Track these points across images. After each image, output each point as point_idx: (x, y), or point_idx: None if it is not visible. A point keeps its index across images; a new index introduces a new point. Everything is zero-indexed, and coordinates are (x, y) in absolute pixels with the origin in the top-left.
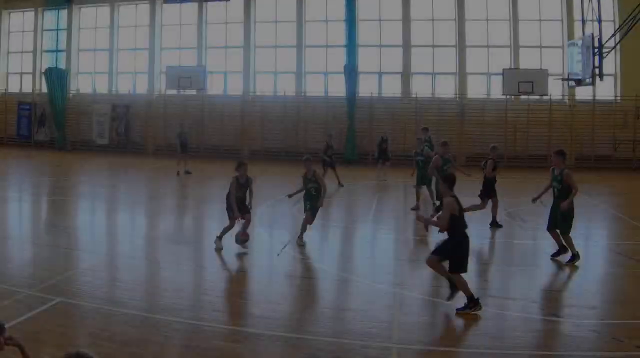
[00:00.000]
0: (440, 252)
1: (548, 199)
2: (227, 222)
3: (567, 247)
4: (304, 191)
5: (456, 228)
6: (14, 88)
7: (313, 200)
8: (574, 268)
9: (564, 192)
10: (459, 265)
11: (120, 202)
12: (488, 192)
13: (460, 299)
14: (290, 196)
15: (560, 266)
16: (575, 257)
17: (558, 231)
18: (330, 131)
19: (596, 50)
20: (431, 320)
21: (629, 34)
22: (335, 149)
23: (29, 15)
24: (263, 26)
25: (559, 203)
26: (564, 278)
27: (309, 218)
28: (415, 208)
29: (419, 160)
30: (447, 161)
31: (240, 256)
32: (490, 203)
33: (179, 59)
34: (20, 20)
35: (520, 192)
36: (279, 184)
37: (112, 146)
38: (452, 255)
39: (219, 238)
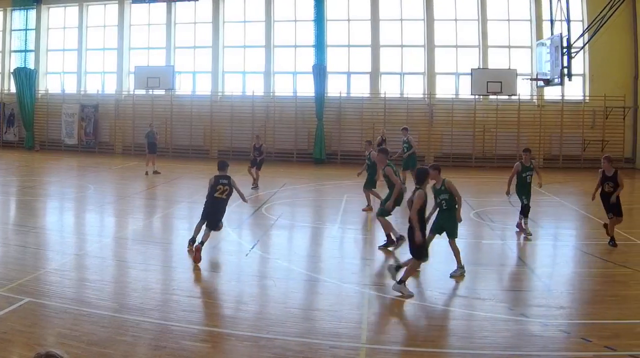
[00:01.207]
0: None
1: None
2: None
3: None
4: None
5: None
6: None
7: (445, 217)
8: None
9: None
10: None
11: (88, 202)
12: (606, 206)
13: None
14: (428, 218)
15: (528, 266)
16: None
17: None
18: (257, 132)
19: (565, 50)
20: (400, 320)
21: (598, 34)
22: (262, 150)
23: None
24: (231, 26)
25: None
26: (532, 278)
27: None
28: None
29: (367, 164)
30: (527, 168)
31: (209, 256)
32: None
33: (148, 59)
34: None
35: (489, 193)
36: (248, 184)
37: (81, 146)
38: None
39: (403, 282)
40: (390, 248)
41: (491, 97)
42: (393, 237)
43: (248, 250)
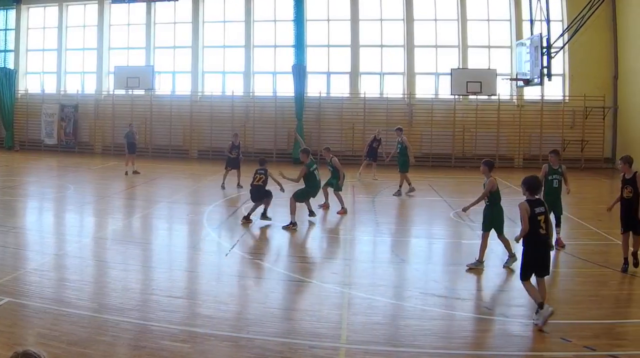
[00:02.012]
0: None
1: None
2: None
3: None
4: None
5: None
6: None
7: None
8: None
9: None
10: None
11: (68, 202)
12: (623, 217)
13: None
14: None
15: (507, 266)
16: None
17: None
18: (235, 130)
19: (544, 50)
20: (380, 320)
21: (577, 34)
22: (240, 149)
23: None
24: (211, 26)
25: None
26: (512, 278)
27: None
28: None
29: (330, 170)
30: (555, 171)
31: (189, 256)
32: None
33: (127, 59)
34: None
35: (468, 193)
36: (228, 184)
37: (61, 146)
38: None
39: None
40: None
41: (471, 97)
42: (291, 220)
43: (228, 250)
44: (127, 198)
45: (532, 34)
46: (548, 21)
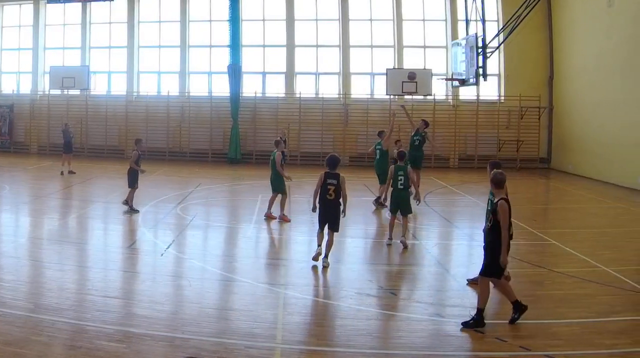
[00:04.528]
0: None
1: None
2: None
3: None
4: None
5: None
6: None
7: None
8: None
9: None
10: None
11: (3, 202)
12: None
13: None
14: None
15: (443, 266)
16: None
17: None
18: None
19: (480, 50)
20: (315, 320)
21: (513, 34)
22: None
23: None
24: (147, 26)
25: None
26: (447, 278)
27: None
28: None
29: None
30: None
31: (124, 256)
32: None
33: (63, 59)
34: None
35: None
36: (163, 184)
37: None
38: None
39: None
40: None
41: (406, 96)
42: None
43: (163, 250)
44: (63, 198)
45: (467, 34)
46: (483, 21)
